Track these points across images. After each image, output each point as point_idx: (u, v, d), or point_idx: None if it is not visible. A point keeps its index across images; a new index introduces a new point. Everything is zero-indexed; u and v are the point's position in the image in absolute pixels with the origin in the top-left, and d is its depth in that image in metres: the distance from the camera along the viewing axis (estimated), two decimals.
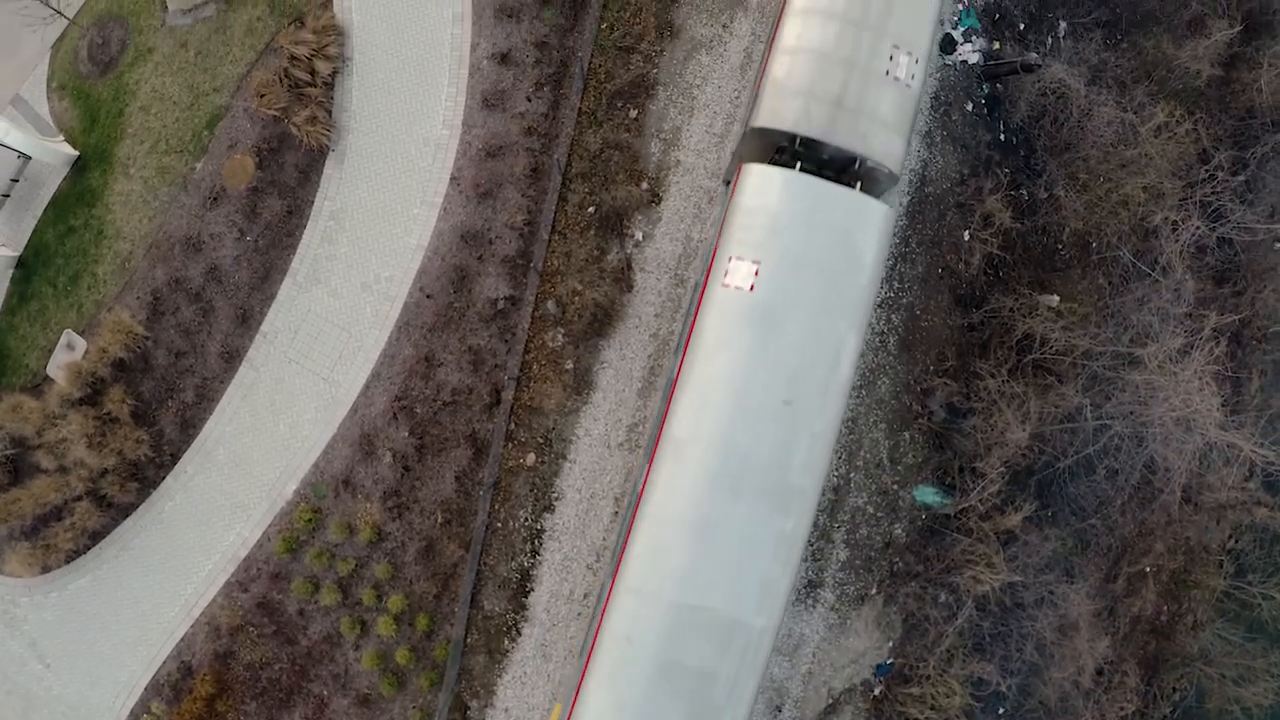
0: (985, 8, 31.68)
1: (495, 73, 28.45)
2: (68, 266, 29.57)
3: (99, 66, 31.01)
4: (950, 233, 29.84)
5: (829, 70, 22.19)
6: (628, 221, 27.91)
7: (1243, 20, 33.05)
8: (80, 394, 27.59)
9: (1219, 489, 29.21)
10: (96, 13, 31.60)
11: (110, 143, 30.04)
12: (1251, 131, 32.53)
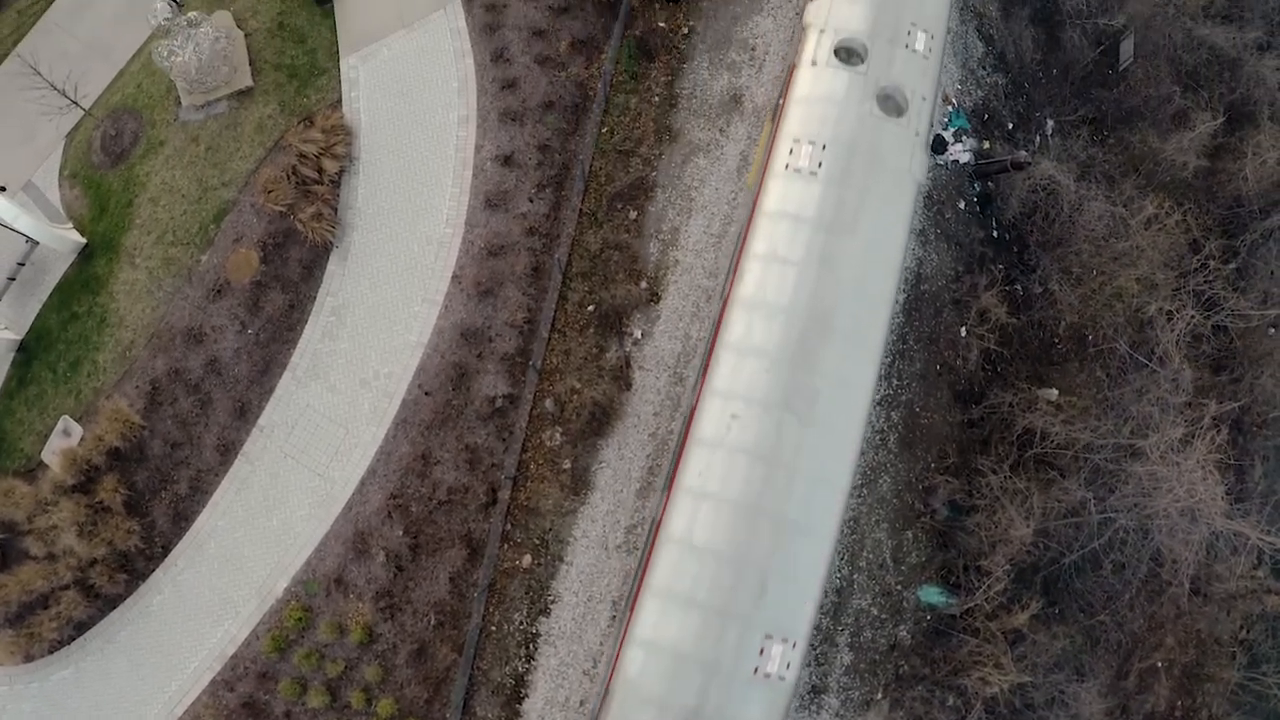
0: (974, 109, 32.29)
1: (498, 174, 28.84)
2: (69, 352, 29.57)
3: (111, 157, 31.48)
4: (947, 329, 29.87)
5: None
6: (627, 320, 27.98)
7: (1225, 112, 33.92)
8: (74, 481, 27.34)
9: (1228, 579, 28.79)
10: (112, 105, 32.22)
11: (118, 232, 30.31)
12: (1240, 219, 33.07)
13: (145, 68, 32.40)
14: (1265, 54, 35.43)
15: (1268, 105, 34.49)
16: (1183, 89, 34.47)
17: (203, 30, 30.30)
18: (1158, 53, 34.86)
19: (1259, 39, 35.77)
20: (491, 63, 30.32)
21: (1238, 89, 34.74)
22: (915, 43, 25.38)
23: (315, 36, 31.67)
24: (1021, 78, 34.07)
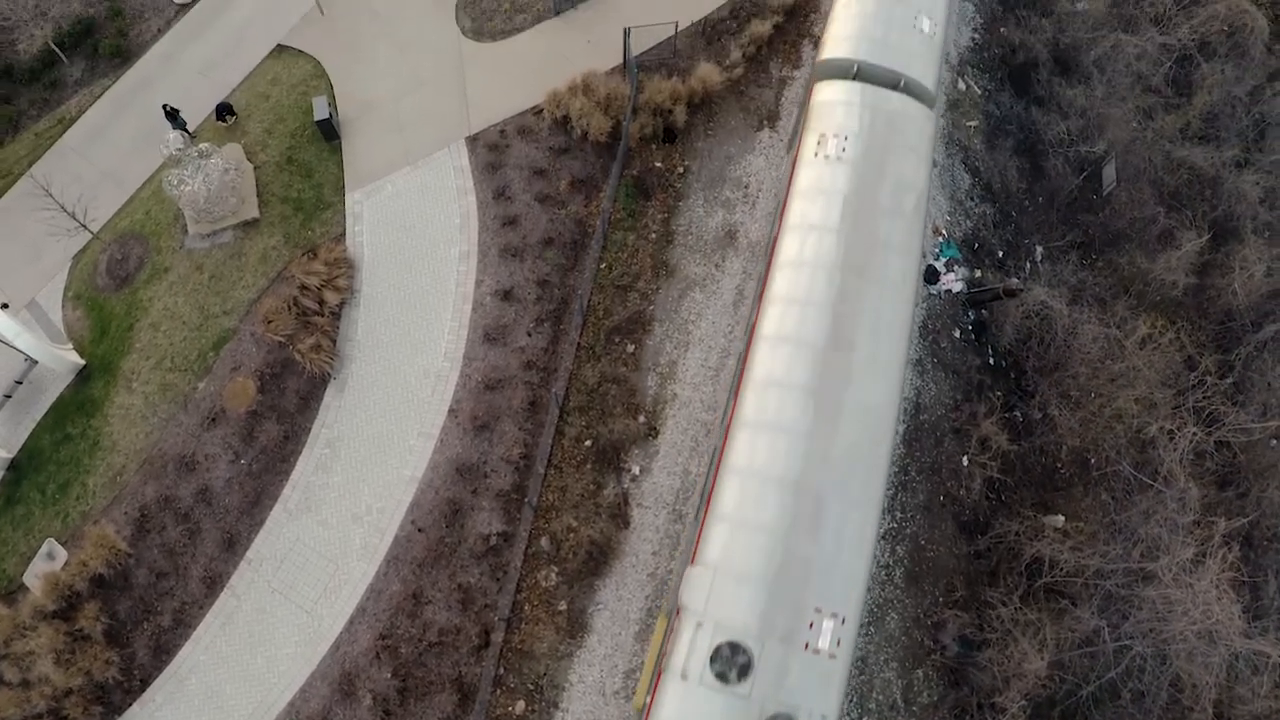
0: (964, 238, 32.80)
1: (497, 308, 29.07)
2: (59, 474, 29.26)
3: (115, 280, 31.77)
4: (949, 459, 29.66)
5: None
6: (625, 456, 27.77)
7: (1209, 229, 34.56)
8: (54, 606, 26.69)
9: (1251, 700, 27.57)
10: (120, 230, 32.69)
11: (117, 355, 30.35)
12: (1233, 333, 33.25)
13: (155, 195, 33.01)
14: (1243, 170, 36.41)
15: (1250, 219, 35.16)
16: (1167, 209, 35.16)
17: (213, 161, 30.94)
18: (1139, 176, 35.71)
19: (1236, 156, 36.84)
20: (493, 200, 30.92)
21: (1220, 206, 35.48)
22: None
23: (322, 171, 32.38)
24: (1009, 207, 34.72)
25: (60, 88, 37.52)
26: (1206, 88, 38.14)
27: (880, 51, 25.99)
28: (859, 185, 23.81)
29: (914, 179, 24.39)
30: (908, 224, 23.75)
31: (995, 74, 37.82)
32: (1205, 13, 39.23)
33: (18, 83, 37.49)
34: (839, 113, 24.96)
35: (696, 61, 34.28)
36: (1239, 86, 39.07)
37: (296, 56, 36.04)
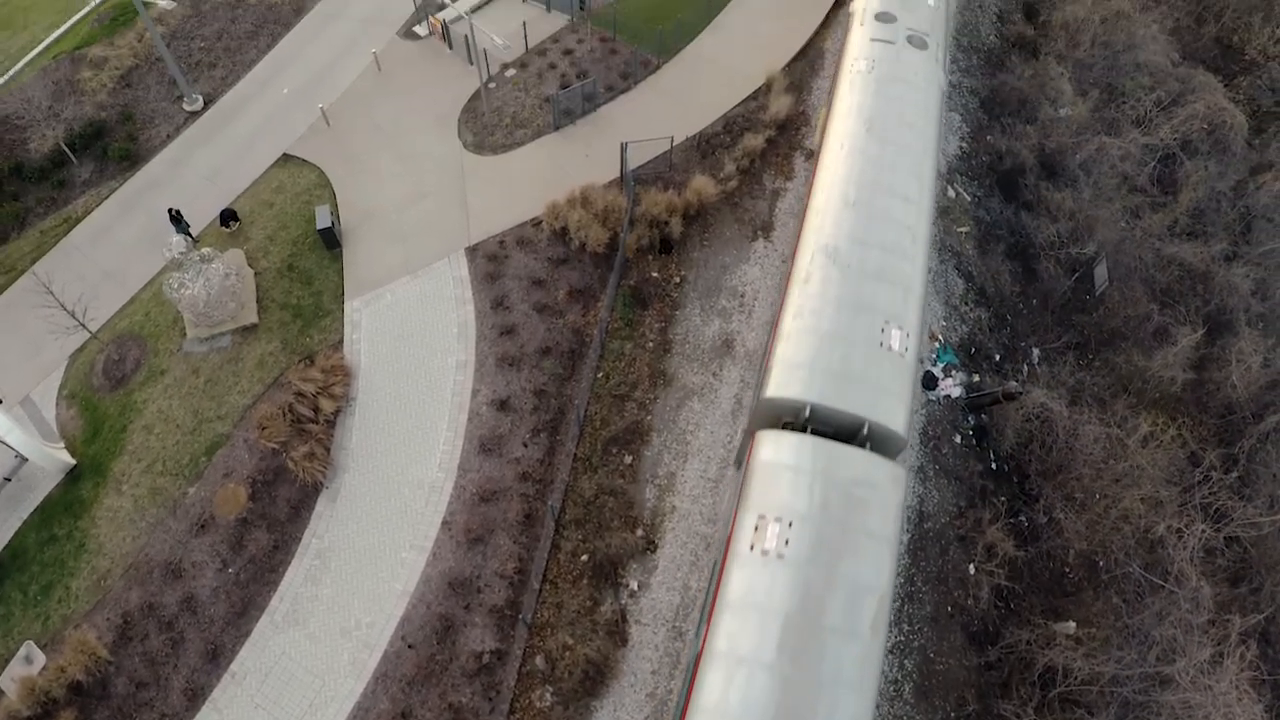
0: (961, 343, 32.98)
1: (493, 418, 29.02)
2: (42, 575, 28.70)
3: (111, 381, 31.72)
4: (955, 568, 29.20)
5: None
6: (622, 570, 27.34)
7: (1204, 323, 34.72)
8: (29, 713, 25.78)
9: None
10: (118, 330, 32.79)
11: (108, 457, 30.10)
12: (1235, 426, 33.02)
13: (155, 297, 33.23)
14: (1233, 263, 36.84)
15: (1244, 312, 35.43)
16: (1160, 306, 35.42)
17: (214, 266, 31.25)
18: (1131, 275, 36.10)
19: (1224, 250, 37.34)
20: (491, 310, 31.19)
21: (1212, 300, 35.74)
22: None
23: (323, 279, 32.73)
24: (1003, 310, 35.02)
25: (68, 187, 38.25)
26: (1191, 185, 39.04)
27: (838, 388, 22.11)
28: (803, 599, 19.35)
29: (875, 581, 19.78)
30: (864, 649, 19.17)
31: (984, 180, 38.66)
32: (1185, 112, 40.51)
33: (27, 180, 38.21)
34: (783, 485, 20.58)
35: (692, 174, 35.08)
36: (1222, 181, 40.02)
37: (301, 166, 36.85)
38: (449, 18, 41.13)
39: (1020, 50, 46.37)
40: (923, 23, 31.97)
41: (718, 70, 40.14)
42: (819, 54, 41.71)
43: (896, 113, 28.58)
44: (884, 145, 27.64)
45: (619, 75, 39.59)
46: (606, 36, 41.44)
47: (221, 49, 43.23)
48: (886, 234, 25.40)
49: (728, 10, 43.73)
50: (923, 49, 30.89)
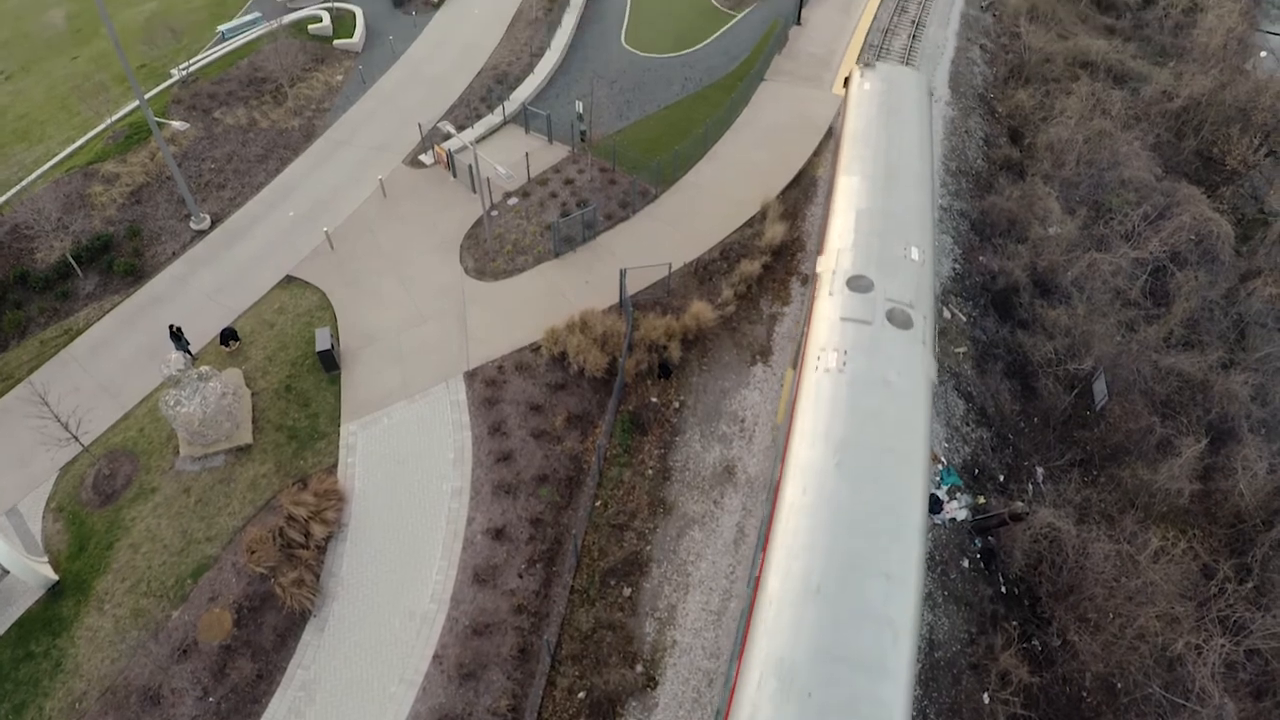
0: (964, 465, 32.82)
1: (488, 548, 28.61)
2: (16, 693, 27.69)
3: (101, 496, 31.30)
4: (969, 698, 28.26)
5: None
6: (621, 708, 26.41)
7: (1206, 433, 34.42)
8: None
9: None
10: (111, 445, 32.53)
11: (92, 574, 29.46)
12: (1246, 535, 32.45)
13: (150, 413, 33.10)
14: (1230, 371, 36.96)
15: (1245, 419, 35.33)
16: (1161, 418, 35.31)
17: (212, 385, 31.24)
18: (1130, 388, 36.12)
19: (1221, 358, 37.49)
20: (488, 435, 31.14)
21: (1213, 408, 35.64)
22: None
23: (320, 401, 32.75)
24: (1005, 429, 34.99)
25: (71, 299, 38.54)
26: (1183, 295, 39.57)
27: None
28: None
29: None
30: None
31: (978, 301, 39.28)
32: (1172, 224, 41.46)
33: (31, 290, 38.53)
34: None
35: (690, 300, 35.66)
36: (1214, 290, 40.62)
37: (304, 288, 37.35)
38: (454, 147, 42.44)
39: (1007, 172, 47.94)
40: (906, 288, 26.98)
41: (714, 199, 41.31)
42: (811, 181, 43.16)
43: (877, 439, 23.13)
44: (859, 492, 22.10)
45: (618, 204, 40.63)
46: (606, 167, 42.74)
47: (231, 171, 44.35)
48: (861, 641, 19.91)
49: (722, 141, 45.39)
50: (907, 327, 25.80)
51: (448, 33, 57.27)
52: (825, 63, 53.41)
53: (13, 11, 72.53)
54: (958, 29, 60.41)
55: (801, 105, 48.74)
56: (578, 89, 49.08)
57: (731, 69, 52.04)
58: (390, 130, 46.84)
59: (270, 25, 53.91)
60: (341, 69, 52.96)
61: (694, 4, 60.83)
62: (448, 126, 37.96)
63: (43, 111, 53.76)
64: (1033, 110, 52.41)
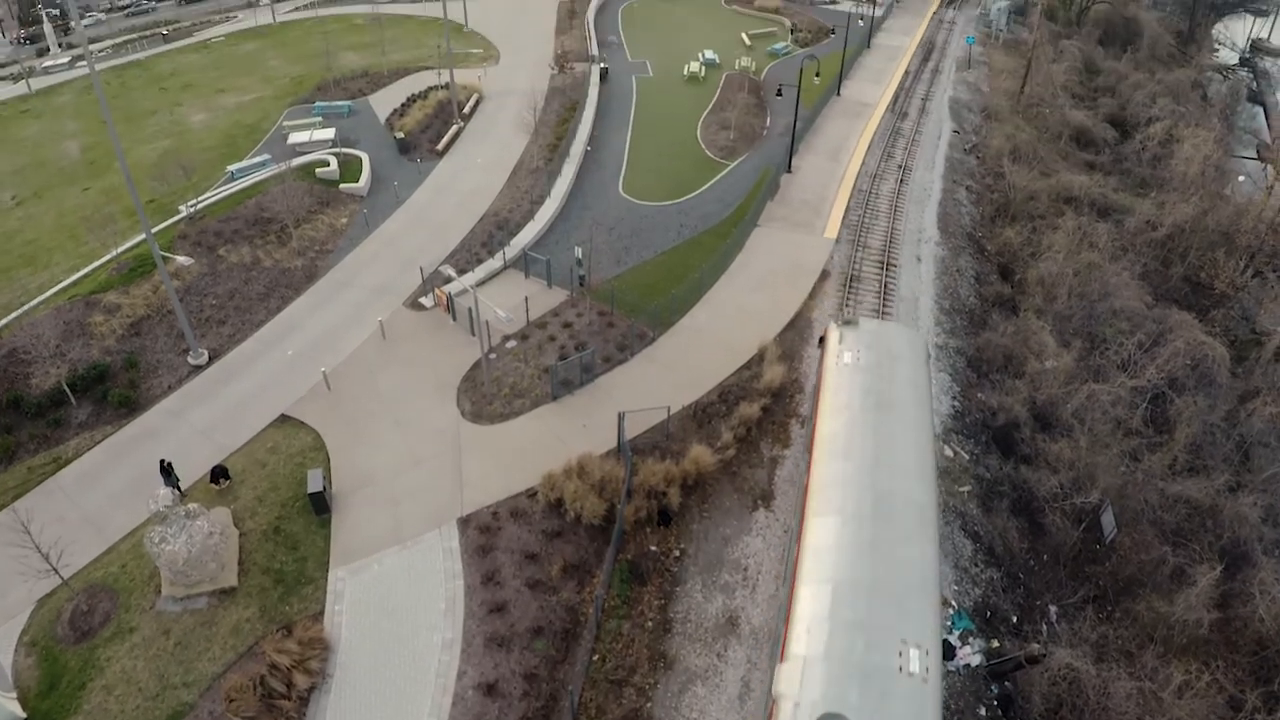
0: (975, 607, 31.95)
1: (480, 704, 27.38)
2: None
3: (77, 633, 30.21)
4: None
5: None
6: None
7: (1220, 559, 33.49)
8: None
9: None
10: (91, 579, 31.63)
11: (62, 714, 28.05)
12: (1271, 662, 31.39)
13: (134, 549, 32.32)
14: (1238, 494, 36.34)
15: (1258, 541, 34.67)
16: (1173, 547, 34.59)
17: (199, 524, 30.70)
18: (1139, 518, 35.52)
19: (1228, 482, 36.88)
20: (481, 585, 30.37)
21: (1224, 533, 34.94)
22: None
23: (308, 545, 32.11)
24: (1014, 568, 34.22)
25: (63, 427, 38.25)
26: (1184, 421, 39.42)
27: None
28: None
29: None
30: None
31: (979, 438, 39.16)
32: (1167, 351, 41.74)
33: (24, 415, 38.25)
34: None
35: (689, 444, 35.54)
36: (1214, 414, 40.52)
37: (299, 427, 37.21)
38: (454, 291, 43.17)
39: (1000, 308, 48.86)
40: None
41: (711, 342, 41.86)
42: (807, 323, 43.93)
43: None
44: None
45: (616, 347, 41.09)
46: (605, 310, 43.45)
47: (232, 307, 44.89)
48: None
49: (718, 285, 46.45)
50: None
51: (451, 180, 59.31)
52: (816, 209, 55.34)
53: (32, 139, 75.05)
54: (943, 171, 63.01)
55: (795, 250, 50.14)
56: (577, 235, 50.46)
57: (725, 215, 53.81)
58: (392, 273, 47.73)
59: (279, 167, 55.62)
60: (346, 212, 54.41)
61: (688, 153, 63.38)
62: (449, 270, 38.65)
63: (51, 238, 54.88)
64: (1021, 247, 53.86)
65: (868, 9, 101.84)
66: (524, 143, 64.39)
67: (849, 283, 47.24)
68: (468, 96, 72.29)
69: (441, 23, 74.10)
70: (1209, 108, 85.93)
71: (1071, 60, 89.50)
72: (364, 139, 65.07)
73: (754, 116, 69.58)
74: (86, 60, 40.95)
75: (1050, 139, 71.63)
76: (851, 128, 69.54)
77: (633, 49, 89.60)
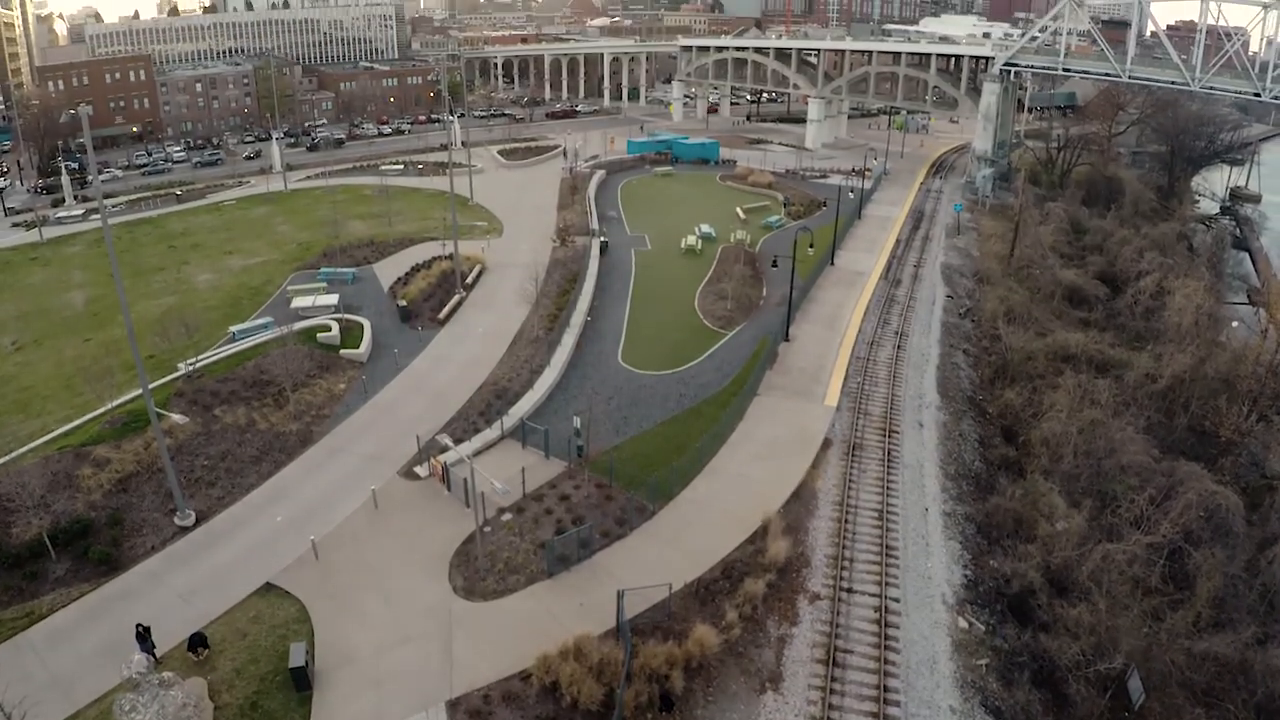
0: None
1: None
2: None
3: None
4: None
5: None
6: None
7: (1256, 716, 32.35)
8: None
9: None
10: None
11: None
12: None
13: (102, 716, 30.35)
14: (1267, 646, 35.00)
15: None
16: (1205, 708, 33.20)
17: (172, 694, 29.53)
18: (1166, 681, 33.84)
19: (1255, 634, 35.56)
20: None
21: (1257, 689, 33.48)
22: None
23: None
24: None
25: (40, 580, 36.88)
26: (1205, 575, 38.19)
27: None
28: None
29: None
30: None
31: (994, 607, 37.64)
32: (1179, 504, 40.78)
33: (1, 565, 36.94)
34: None
35: (692, 623, 33.98)
36: (1234, 565, 39.32)
37: (283, 597, 35.82)
38: (450, 460, 42.55)
39: (1006, 471, 48.30)
40: None
41: (713, 515, 41.02)
42: (812, 494, 43.12)
43: None
44: None
45: (615, 520, 40.21)
46: (603, 483, 42.81)
47: (224, 469, 44.23)
48: None
49: (719, 456, 46.00)
50: None
51: (451, 348, 60.00)
52: (816, 376, 55.75)
53: (39, 286, 76.28)
54: (940, 336, 63.91)
55: (796, 419, 50.10)
56: (576, 404, 50.40)
57: (725, 385, 53.97)
58: (387, 441, 47.31)
59: (280, 330, 56.05)
60: (345, 377, 54.61)
61: (686, 324, 64.48)
62: (445, 440, 38.19)
63: (47, 386, 54.83)
64: (1023, 408, 53.86)
65: (857, 181, 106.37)
66: (525, 313, 65.44)
67: (851, 451, 47.02)
68: (471, 267, 74.13)
69: (447, 196, 76.65)
70: (1196, 258, 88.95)
71: (1058, 221, 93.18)
72: (367, 306, 66.20)
73: (750, 287, 71.27)
74: (100, 213, 41.78)
75: (1043, 299, 73.30)
76: (847, 296, 71.14)
77: (632, 223, 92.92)
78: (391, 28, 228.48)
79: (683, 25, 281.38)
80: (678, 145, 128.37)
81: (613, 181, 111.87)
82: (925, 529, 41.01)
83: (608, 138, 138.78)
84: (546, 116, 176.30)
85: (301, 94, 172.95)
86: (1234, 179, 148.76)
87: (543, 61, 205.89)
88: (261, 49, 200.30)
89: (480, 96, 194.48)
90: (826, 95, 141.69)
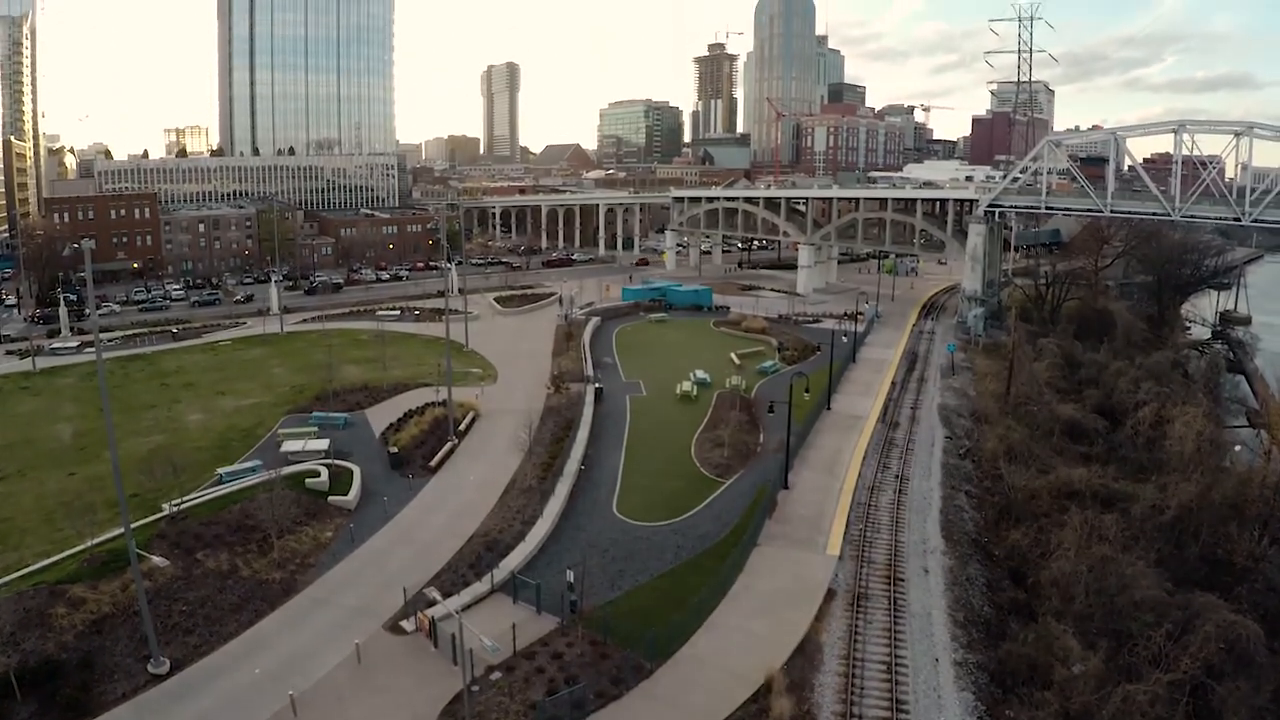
0: None
1: None
2: None
3: None
4: None
5: None
6: None
7: None
8: None
9: None
10: None
11: None
12: None
13: None
14: None
15: None
16: None
17: None
18: None
19: None
20: None
21: None
22: None
23: None
24: None
25: None
26: (1230, 710, 36.52)
27: None
28: None
29: None
30: None
31: None
32: (1198, 638, 39.05)
33: None
34: None
35: None
36: (1259, 696, 37.45)
37: None
38: (438, 615, 40.77)
39: (1016, 615, 46.51)
40: None
41: (714, 672, 39.25)
42: (816, 648, 41.36)
43: None
44: None
45: (610, 680, 38.27)
46: (598, 640, 40.96)
47: (202, 616, 42.47)
48: None
49: (719, 610, 44.35)
50: None
51: (442, 497, 58.85)
52: (816, 525, 54.45)
53: (25, 417, 75.29)
54: (941, 478, 62.79)
55: (797, 568, 48.73)
56: (569, 557, 48.70)
57: (723, 535, 52.51)
58: (373, 593, 45.74)
59: (268, 474, 54.90)
60: (332, 525, 53.31)
61: (683, 472, 63.48)
62: (433, 593, 36.61)
63: (27, 519, 53.46)
64: (1029, 548, 52.43)
65: (850, 325, 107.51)
66: (517, 461, 64.46)
67: (856, 601, 45.49)
68: (464, 414, 73.70)
69: (443, 342, 76.98)
70: (1192, 384, 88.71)
71: (1052, 357, 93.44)
72: (357, 451, 65.35)
73: (747, 433, 70.69)
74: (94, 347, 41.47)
75: (1042, 435, 72.61)
76: (845, 440, 70.46)
77: (627, 369, 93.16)
78: (394, 177, 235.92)
79: (675, 177, 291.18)
80: (671, 292, 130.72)
81: (608, 328, 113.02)
82: (936, 680, 39.25)
83: (603, 285, 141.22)
84: (543, 265, 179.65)
85: (302, 238, 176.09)
86: (1222, 303, 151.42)
87: (540, 212, 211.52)
88: (265, 193, 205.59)
89: (478, 245, 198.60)
90: (816, 242, 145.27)
